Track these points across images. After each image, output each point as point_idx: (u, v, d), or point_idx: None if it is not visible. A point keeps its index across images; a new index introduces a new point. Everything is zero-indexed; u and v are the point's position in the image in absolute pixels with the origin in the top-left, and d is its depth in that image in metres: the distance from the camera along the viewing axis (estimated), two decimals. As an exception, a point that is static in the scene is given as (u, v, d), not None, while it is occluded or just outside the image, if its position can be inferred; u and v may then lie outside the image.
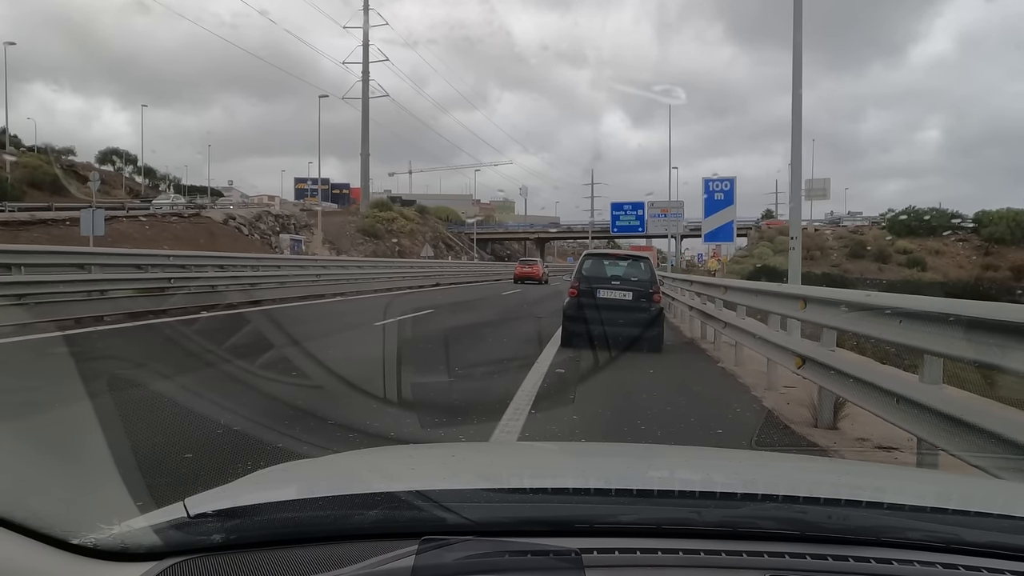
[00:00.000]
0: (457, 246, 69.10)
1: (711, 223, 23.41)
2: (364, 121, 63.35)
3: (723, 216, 23.33)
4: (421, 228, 64.99)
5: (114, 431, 3.59)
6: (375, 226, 56.51)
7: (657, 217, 52.55)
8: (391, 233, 59.43)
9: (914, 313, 3.81)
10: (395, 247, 56.20)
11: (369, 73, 62.34)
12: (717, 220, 23.51)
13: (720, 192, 23.00)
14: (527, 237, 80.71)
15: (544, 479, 1.56)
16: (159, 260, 13.54)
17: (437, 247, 65.67)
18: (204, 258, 16.18)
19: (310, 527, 1.11)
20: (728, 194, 23.27)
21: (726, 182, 22.92)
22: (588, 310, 9.73)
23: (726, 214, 23.08)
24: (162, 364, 6.69)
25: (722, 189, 23.11)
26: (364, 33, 61.27)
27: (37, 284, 9.98)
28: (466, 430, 4.84)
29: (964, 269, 54.45)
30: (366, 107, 62.86)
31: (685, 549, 1.07)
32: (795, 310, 5.99)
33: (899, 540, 1.12)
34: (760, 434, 5.41)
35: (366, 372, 6.63)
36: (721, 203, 23.22)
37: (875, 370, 5.03)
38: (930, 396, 3.56)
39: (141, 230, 34.81)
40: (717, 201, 23.31)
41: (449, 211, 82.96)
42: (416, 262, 36.93)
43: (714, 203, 23.34)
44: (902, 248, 56.52)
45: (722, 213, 23.32)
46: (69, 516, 1.10)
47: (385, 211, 62.02)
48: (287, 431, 4.19)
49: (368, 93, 62.32)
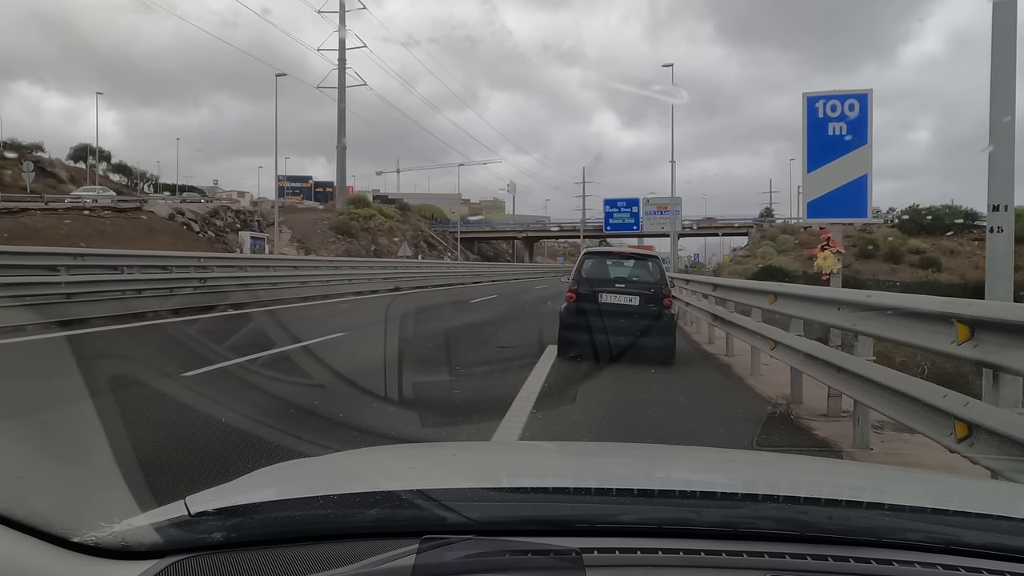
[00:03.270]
0: (440, 245, 65.53)
1: (821, 180, 8.43)
2: (340, 111, 59.55)
3: (845, 167, 8.53)
4: (401, 226, 61.66)
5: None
6: (349, 224, 53.10)
7: (653, 215, 48.65)
8: (368, 231, 55.66)
9: None
10: (371, 246, 52.21)
11: (346, 60, 58.71)
12: (833, 175, 8.63)
13: (839, 122, 8.51)
14: (515, 236, 77.13)
15: (545, 478, 1.58)
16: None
17: (419, 246, 62.25)
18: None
19: (310, 526, 1.13)
20: (856, 126, 8.63)
21: (852, 101, 8.39)
22: (588, 316, 8.88)
23: (852, 163, 8.27)
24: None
25: (843, 116, 8.57)
26: (340, 16, 57.44)
27: None
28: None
29: (981, 270, 50.97)
30: (342, 94, 59.57)
31: (686, 549, 1.10)
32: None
33: (900, 541, 1.14)
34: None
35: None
36: (841, 143, 8.64)
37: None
38: None
39: (57, 224, 30.61)
40: (832, 140, 8.66)
41: (434, 209, 79.70)
42: (366, 262, 31.26)
43: (826, 143, 8.69)
44: (914, 247, 53.59)
45: (844, 161, 8.48)
46: (69, 514, 1.12)
47: (362, 208, 58.01)
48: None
49: (344, 81, 58.41)
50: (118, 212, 38.10)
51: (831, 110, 8.23)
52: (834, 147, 8.13)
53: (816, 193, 8.11)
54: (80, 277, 11.62)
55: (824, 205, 8.12)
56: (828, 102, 8.24)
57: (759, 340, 7.67)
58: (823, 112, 8.24)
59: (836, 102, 8.22)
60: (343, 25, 59.65)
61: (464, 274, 40.57)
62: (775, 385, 7.66)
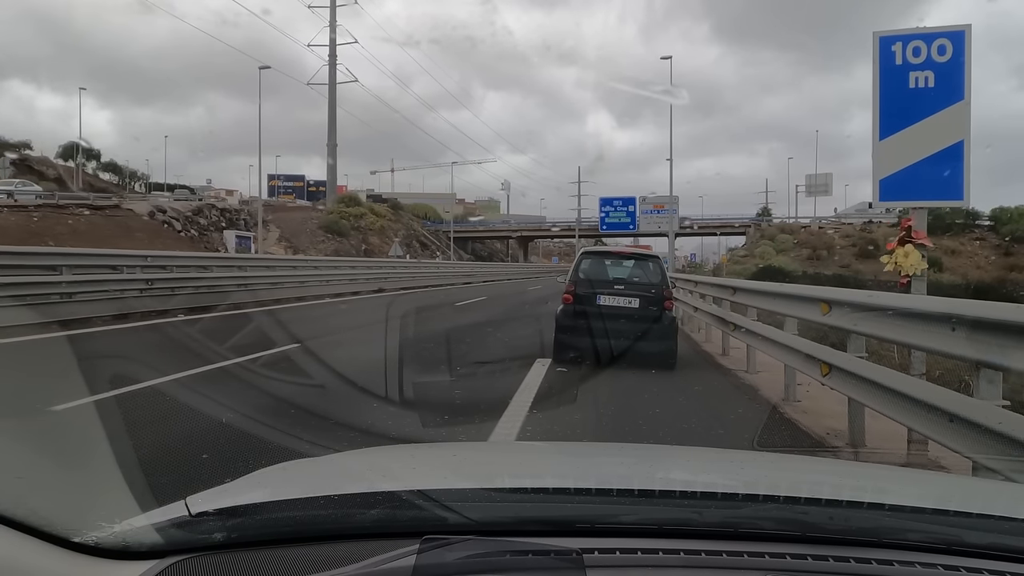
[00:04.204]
0: (433, 245, 64.55)
1: (899, 150, 5.81)
2: (331, 107, 58.46)
3: (934, 131, 5.72)
4: (393, 225, 60.70)
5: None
6: (339, 222, 52.05)
7: (649, 214, 47.91)
8: (359, 231, 54.59)
9: None
10: (361, 245, 51.13)
11: (336, 56, 57.72)
12: (916, 142, 5.77)
13: (925, 70, 5.72)
14: (509, 236, 76.14)
15: (545, 479, 1.59)
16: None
17: (411, 246, 61.23)
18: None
19: (311, 526, 1.14)
20: (949, 74, 5.71)
21: (942, 42, 5.72)
22: (586, 319, 8.58)
23: (943, 126, 5.71)
24: None
25: (930, 63, 5.74)
26: (331, 11, 56.25)
27: None
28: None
29: (983, 270, 51.33)
30: (333, 91, 58.47)
31: (686, 549, 1.10)
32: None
33: (900, 541, 1.15)
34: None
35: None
36: (927, 98, 5.71)
37: None
38: None
39: (26, 222, 29.28)
40: (915, 95, 5.74)
41: (427, 208, 78.75)
42: (348, 261, 29.17)
43: (906, 98, 5.76)
44: (915, 247, 52.52)
45: (932, 123, 5.70)
46: (70, 514, 1.12)
47: (353, 206, 56.84)
48: None
49: (335, 77, 57.31)
50: (95, 210, 36.91)
51: (913, 54, 5.76)
52: (918, 104, 5.73)
53: (892, 168, 5.80)
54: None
55: (903, 183, 5.78)
56: (910, 44, 5.78)
57: (801, 360, 6.09)
58: (902, 57, 5.79)
59: (920, 43, 5.75)
60: (334, 20, 58.58)
61: (455, 274, 38.92)
62: (819, 415, 6.28)
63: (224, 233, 42.90)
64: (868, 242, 55.64)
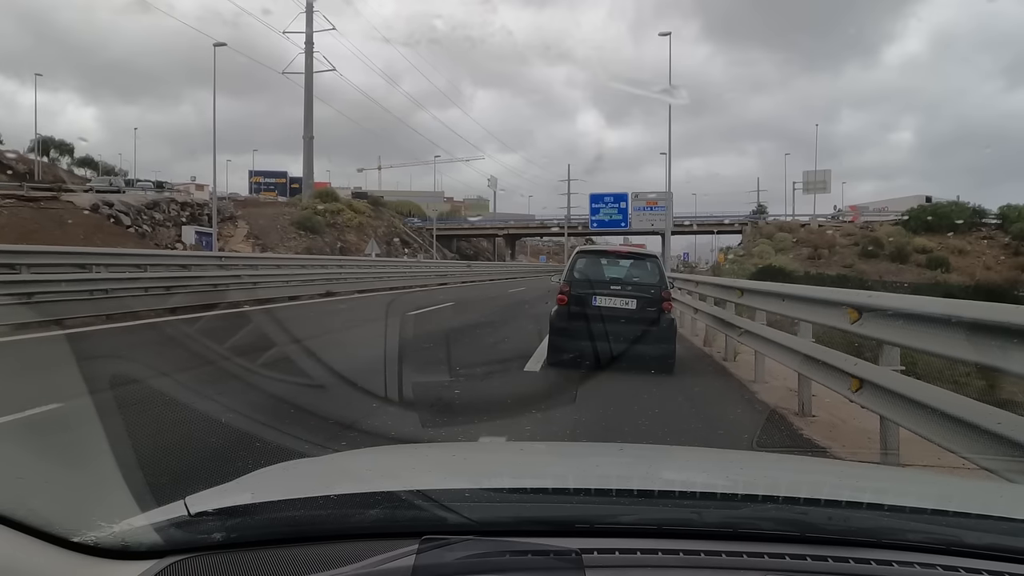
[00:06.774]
0: (415, 243, 61.55)
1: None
2: (308, 97, 56.07)
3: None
4: (373, 222, 57.65)
5: None
6: (313, 218, 49.10)
7: (642, 211, 44.86)
8: (335, 227, 51.65)
9: None
10: (336, 243, 48.16)
11: (313, 44, 54.87)
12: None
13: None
14: (496, 234, 73.34)
15: (545, 479, 1.59)
16: None
17: (391, 244, 58.02)
18: None
19: (310, 526, 1.15)
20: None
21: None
22: (581, 321, 8.31)
23: None
24: None
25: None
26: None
27: None
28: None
29: (992, 270, 49.10)
30: (310, 79, 55.92)
31: (686, 550, 1.11)
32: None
33: (900, 542, 1.16)
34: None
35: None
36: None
37: None
38: None
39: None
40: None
41: (411, 205, 76.02)
42: (277, 259, 25.05)
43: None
44: (920, 246, 50.57)
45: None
46: (69, 514, 1.13)
47: (329, 202, 53.75)
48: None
49: (312, 66, 54.39)
50: (25, 201, 33.20)
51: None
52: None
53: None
54: None
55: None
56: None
57: (824, 372, 5.59)
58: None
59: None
60: (311, 4, 55.46)
61: (427, 274, 34.99)
62: (845, 433, 5.78)
63: (183, 229, 39.85)
64: (871, 241, 53.26)
